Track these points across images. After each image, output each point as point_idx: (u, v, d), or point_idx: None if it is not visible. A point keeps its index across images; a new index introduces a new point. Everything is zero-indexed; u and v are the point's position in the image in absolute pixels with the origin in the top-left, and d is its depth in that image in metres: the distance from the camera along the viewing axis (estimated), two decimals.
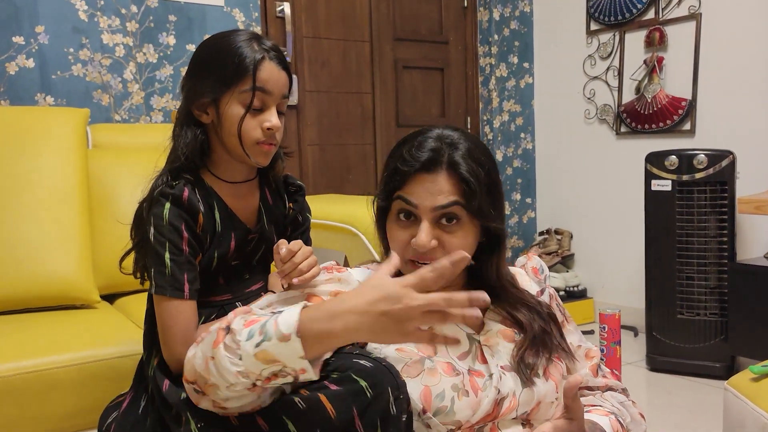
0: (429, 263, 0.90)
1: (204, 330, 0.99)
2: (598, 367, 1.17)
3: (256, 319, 0.86)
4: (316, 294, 1.02)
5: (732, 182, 2.41)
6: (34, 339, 1.46)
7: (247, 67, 1.13)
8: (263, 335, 0.83)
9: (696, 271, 2.45)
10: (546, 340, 1.07)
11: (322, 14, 2.93)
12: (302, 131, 2.90)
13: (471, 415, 0.97)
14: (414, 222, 1.01)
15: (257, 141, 1.16)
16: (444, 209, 0.99)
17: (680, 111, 2.84)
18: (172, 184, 1.14)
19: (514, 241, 3.52)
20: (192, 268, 1.12)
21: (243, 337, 0.84)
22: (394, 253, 0.92)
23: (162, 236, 1.11)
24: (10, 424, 1.30)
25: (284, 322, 0.82)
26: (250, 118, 1.15)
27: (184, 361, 1.01)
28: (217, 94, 1.15)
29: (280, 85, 1.16)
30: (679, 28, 2.84)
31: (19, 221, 1.67)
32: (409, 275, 0.83)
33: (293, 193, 1.34)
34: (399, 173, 1.02)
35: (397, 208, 1.03)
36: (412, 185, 1.01)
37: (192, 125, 1.18)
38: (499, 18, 3.37)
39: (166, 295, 1.11)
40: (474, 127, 3.42)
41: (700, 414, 2.15)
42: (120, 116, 2.36)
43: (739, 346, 2.30)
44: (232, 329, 0.86)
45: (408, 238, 1.01)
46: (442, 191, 0.99)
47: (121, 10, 2.34)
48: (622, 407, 1.12)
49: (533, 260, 1.22)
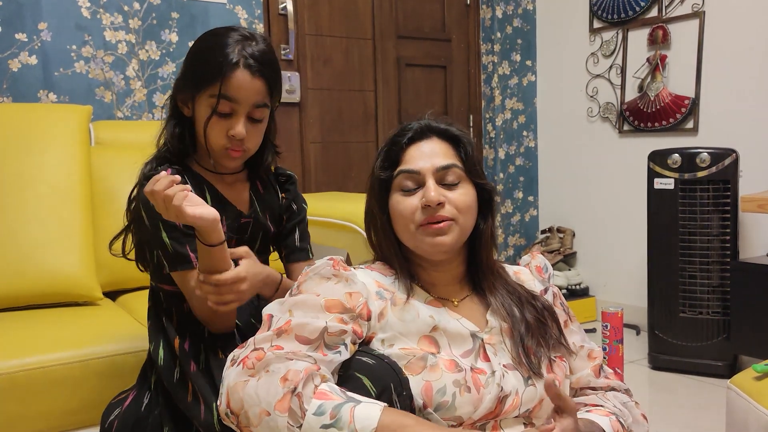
0: (439, 223, 1.02)
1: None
2: (601, 368, 1.16)
3: (328, 393, 0.85)
4: (330, 297, 0.99)
5: (735, 181, 2.40)
6: (37, 336, 1.46)
7: (216, 73, 1.12)
8: (335, 420, 0.82)
9: (699, 269, 2.45)
10: (543, 331, 1.08)
11: (324, 11, 2.93)
12: (304, 129, 2.90)
13: (472, 412, 0.98)
14: (417, 190, 1.06)
15: (224, 146, 1.16)
16: (445, 169, 1.06)
17: (683, 109, 2.83)
18: (158, 168, 1.16)
19: (516, 239, 3.52)
20: (191, 239, 1.13)
21: (311, 410, 0.83)
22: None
23: (153, 218, 1.12)
24: (13, 420, 1.30)
25: (361, 420, 0.82)
26: (216, 122, 1.14)
27: (215, 320, 1.12)
28: (193, 92, 1.17)
29: (252, 93, 1.14)
30: (682, 26, 2.83)
31: (22, 218, 1.68)
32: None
33: (284, 182, 1.36)
34: (395, 145, 1.10)
35: (399, 185, 1.07)
36: (408, 157, 1.08)
37: (175, 116, 1.21)
38: (501, 16, 3.37)
39: (178, 270, 1.14)
40: (476, 125, 3.41)
41: (702, 413, 2.15)
42: (122, 113, 2.36)
43: (741, 344, 2.30)
44: (300, 394, 0.85)
45: (417, 203, 1.05)
46: (438, 154, 1.07)
47: (123, 7, 2.34)
48: (625, 408, 1.11)
49: (537, 259, 1.22)
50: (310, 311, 0.97)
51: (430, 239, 1.04)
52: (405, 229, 1.06)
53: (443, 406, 0.97)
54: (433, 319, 1.04)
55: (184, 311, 1.20)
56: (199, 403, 1.11)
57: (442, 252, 1.06)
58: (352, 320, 0.98)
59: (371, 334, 1.03)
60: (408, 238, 1.07)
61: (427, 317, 1.04)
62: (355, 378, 0.94)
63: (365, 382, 0.93)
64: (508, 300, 1.09)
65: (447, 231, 1.04)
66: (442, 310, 1.07)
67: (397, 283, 1.08)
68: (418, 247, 1.06)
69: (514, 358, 1.05)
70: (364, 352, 0.98)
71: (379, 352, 0.99)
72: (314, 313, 0.97)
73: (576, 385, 1.14)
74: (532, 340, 1.06)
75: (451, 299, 1.10)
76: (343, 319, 0.97)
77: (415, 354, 0.99)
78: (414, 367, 0.99)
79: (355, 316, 0.99)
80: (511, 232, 3.49)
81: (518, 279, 1.17)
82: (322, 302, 0.98)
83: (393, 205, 1.08)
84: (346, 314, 0.98)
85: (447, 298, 1.10)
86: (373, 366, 0.95)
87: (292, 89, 2.81)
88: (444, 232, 1.04)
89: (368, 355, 0.97)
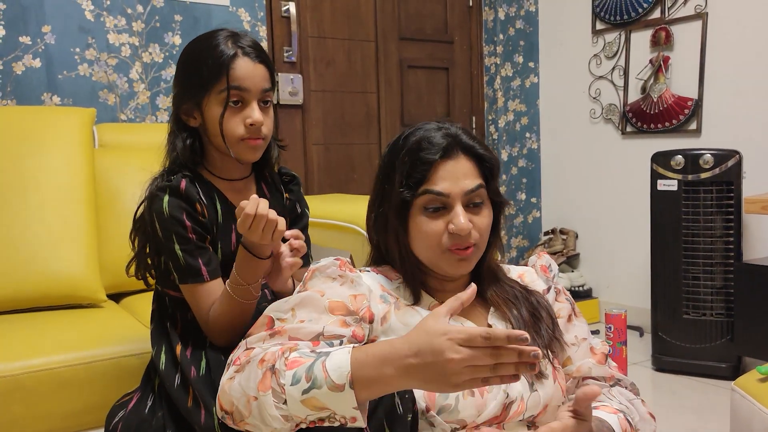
0: (466, 249, 1.00)
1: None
2: (606, 358, 1.15)
3: (299, 359, 0.84)
4: (335, 299, 0.99)
5: (738, 182, 2.40)
6: (41, 338, 1.46)
7: (220, 67, 1.14)
8: (311, 381, 0.81)
9: (702, 271, 2.45)
10: (538, 327, 1.07)
11: (327, 14, 2.93)
12: (307, 131, 2.90)
13: (476, 416, 0.97)
14: (443, 212, 1.02)
15: (241, 137, 1.17)
16: (473, 192, 1.02)
17: (686, 111, 2.83)
18: (170, 178, 1.17)
19: (519, 241, 3.51)
20: (204, 251, 1.15)
21: (287, 381, 0.82)
22: (464, 293, 0.86)
23: (167, 230, 1.14)
24: (18, 422, 1.30)
25: (334, 370, 0.80)
26: (231, 116, 1.16)
27: (223, 335, 1.12)
28: (198, 98, 1.17)
29: (258, 79, 1.17)
30: (685, 27, 2.83)
31: (26, 221, 1.68)
32: (445, 309, 0.82)
33: (288, 183, 1.36)
34: (421, 162, 1.02)
35: (423, 203, 1.02)
36: (435, 175, 1.01)
37: (182, 130, 1.21)
38: (504, 17, 3.37)
39: (189, 283, 1.15)
40: (479, 127, 3.41)
41: (706, 414, 2.14)
42: (126, 116, 2.36)
43: (745, 346, 2.29)
44: (276, 370, 0.84)
45: (443, 227, 1.02)
46: (467, 175, 1.03)
47: (127, 9, 2.35)
48: (631, 405, 1.10)
49: (543, 258, 1.22)
50: (314, 312, 0.97)
51: (453, 264, 1.03)
52: (427, 250, 1.04)
53: (446, 409, 0.96)
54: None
55: (188, 318, 1.21)
56: (200, 408, 1.11)
57: (462, 275, 1.07)
58: (354, 323, 0.98)
59: (373, 336, 1.02)
60: (428, 257, 1.04)
61: None
62: None
63: None
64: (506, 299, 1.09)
65: (471, 257, 1.04)
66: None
67: (402, 288, 1.08)
68: (438, 267, 1.05)
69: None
70: None
71: None
72: (317, 314, 0.97)
73: (577, 375, 1.12)
74: (528, 335, 1.05)
75: None
76: (346, 321, 0.97)
77: None
78: None
79: (358, 319, 0.99)
80: (514, 234, 3.49)
81: (522, 281, 1.17)
82: (326, 303, 0.98)
83: (415, 224, 1.04)
84: (349, 317, 0.98)
85: None
86: None
87: (294, 91, 2.81)
88: (468, 258, 1.03)
89: None
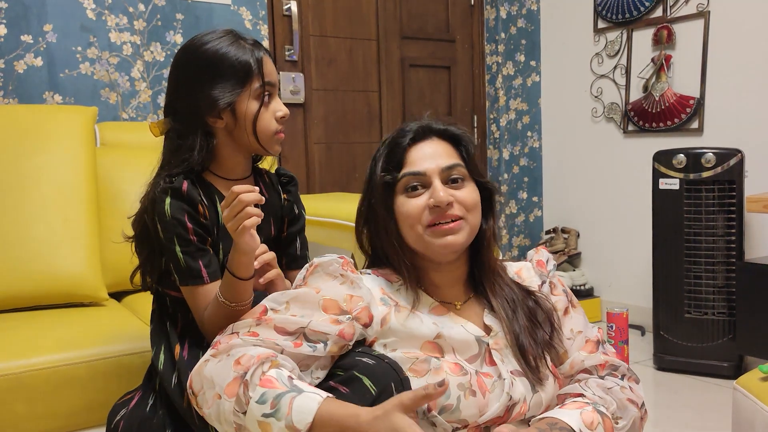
0: (450, 222, 1.01)
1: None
2: (599, 343, 1.13)
3: (274, 381, 0.86)
4: (330, 298, 1.00)
5: (740, 181, 2.40)
6: (43, 336, 1.47)
7: (251, 68, 1.20)
8: (275, 409, 0.83)
9: (704, 270, 2.44)
10: (535, 333, 1.07)
11: (329, 12, 2.93)
12: (309, 129, 2.90)
13: (478, 415, 0.97)
14: (424, 191, 1.05)
15: (275, 131, 1.23)
16: (449, 169, 1.06)
17: (688, 109, 2.83)
18: (171, 180, 1.17)
19: (521, 240, 3.51)
20: (205, 253, 1.16)
21: (255, 397, 0.85)
22: (431, 385, 0.85)
23: (168, 231, 1.15)
24: (20, 420, 1.30)
25: (298, 413, 0.82)
26: (264, 111, 1.21)
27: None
28: (233, 98, 1.19)
29: (275, 74, 1.25)
30: (687, 26, 2.83)
31: (28, 219, 1.68)
32: (411, 402, 0.83)
33: (286, 183, 1.37)
34: (398, 147, 1.07)
35: (404, 185, 1.06)
36: (411, 157, 1.07)
37: (203, 134, 1.20)
38: (506, 16, 3.36)
39: (189, 284, 1.15)
40: (481, 126, 3.41)
41: (707, 413, 2.14)
42: (127, 114, 2.36)
43: (747, 345, 2.29)
44: (247, 381, 0.86)
45: (423, 203, 1.04)
46: (441, 155, 1.07)
47: (128, 8, 2.35)
48: (609, 395, 1.04)
49: (540, 253, 1.22)
50: (307, 308, 0.98)
51: (440, 240, 1.03)
52: (412, 231, 1.05)
53: (447, 409, 0.96)
54: (437, 326, 1.04)
55: (188, 319, 1.21)
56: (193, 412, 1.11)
57: (453, 252, 1.05)
58: (346, 321, 0.98)
59: (373, 339, 1.03)
60: (415, 239, 1.05)
61: (431, 325, 1.04)
62: (355, 378, 0.94)
63: (365, 382, 0.93)
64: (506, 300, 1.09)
65: (458, 230, 1.04)
66: (446, 318, 1.06)
67: (402, 290, 1.08)
68: (427, 249, 1.05)
69: (520, 363, 1.05)
70: (364, 353, 0.99)
71: (379, 352, 0.99)
72: (310, 310, 0.98)
73: (571, 371, 1.11)
74: (526, 339, 1.05)
75: (454, 302, 1.10)
76: (338, 320, 0.98)
77: (418, 357, 0.99)
78: (418, 369, 0.99)
79: (350, 318, 0.99)
80: (516, 233, 3.48)
81: (519, 277, 1.16)
82: (320, 300, 0.99)
83: (398, 207, 1.07)
84: (341, 316, 0.98)
85: (450, 301, 1.10)
86: (373, 366, 0.95)
87: (296, 90, 2.81)
88: (455, 231, 1.04)
89: (368, 356, 0.98)
